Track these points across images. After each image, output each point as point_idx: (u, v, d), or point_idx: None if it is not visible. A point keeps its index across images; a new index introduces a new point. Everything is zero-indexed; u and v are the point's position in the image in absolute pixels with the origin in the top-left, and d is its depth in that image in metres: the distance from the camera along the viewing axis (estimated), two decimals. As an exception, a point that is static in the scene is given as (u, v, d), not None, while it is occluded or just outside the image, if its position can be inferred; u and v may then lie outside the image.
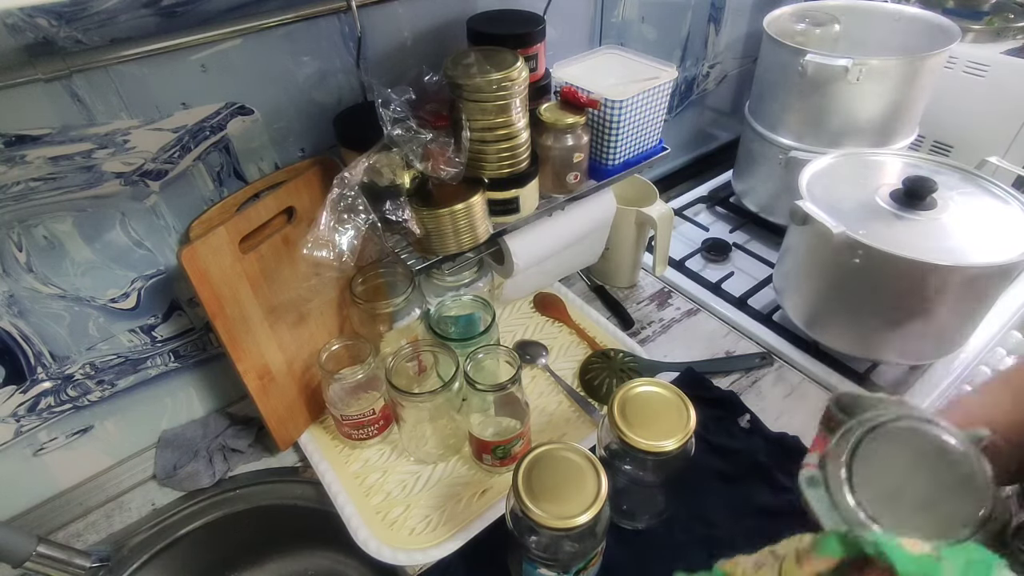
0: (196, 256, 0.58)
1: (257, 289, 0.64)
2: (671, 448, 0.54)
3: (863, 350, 0.78)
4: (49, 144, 0.52)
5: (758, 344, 0.85)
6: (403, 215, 0.59)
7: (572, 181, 0.69)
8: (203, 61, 0.57)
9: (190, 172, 0.61)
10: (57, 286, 0.59)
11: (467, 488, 0.67)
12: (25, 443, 0.64)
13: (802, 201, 0.73)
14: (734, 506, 0.65)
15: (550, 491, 0.50)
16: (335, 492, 0.67)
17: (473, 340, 0.70)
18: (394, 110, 0.57)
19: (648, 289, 0.96)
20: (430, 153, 0.58)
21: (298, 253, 0.56)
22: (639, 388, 0.58)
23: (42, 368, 0.61)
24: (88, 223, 0.58)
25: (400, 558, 0.61)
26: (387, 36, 0.67)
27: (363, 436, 0.71)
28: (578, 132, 0.66)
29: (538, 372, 0.80)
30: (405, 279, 0.73)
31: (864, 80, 0.84)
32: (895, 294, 0.70)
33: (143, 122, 0.56)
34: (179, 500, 0.69)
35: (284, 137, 0.66)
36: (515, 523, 0.52)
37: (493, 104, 0.58)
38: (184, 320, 0.69)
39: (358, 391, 0.69)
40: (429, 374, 0.72)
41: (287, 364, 0.69)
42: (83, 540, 0.66)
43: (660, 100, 0.71)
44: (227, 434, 0.73)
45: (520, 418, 0.66)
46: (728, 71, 1.14)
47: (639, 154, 0.75)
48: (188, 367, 0.72)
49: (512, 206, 0.66)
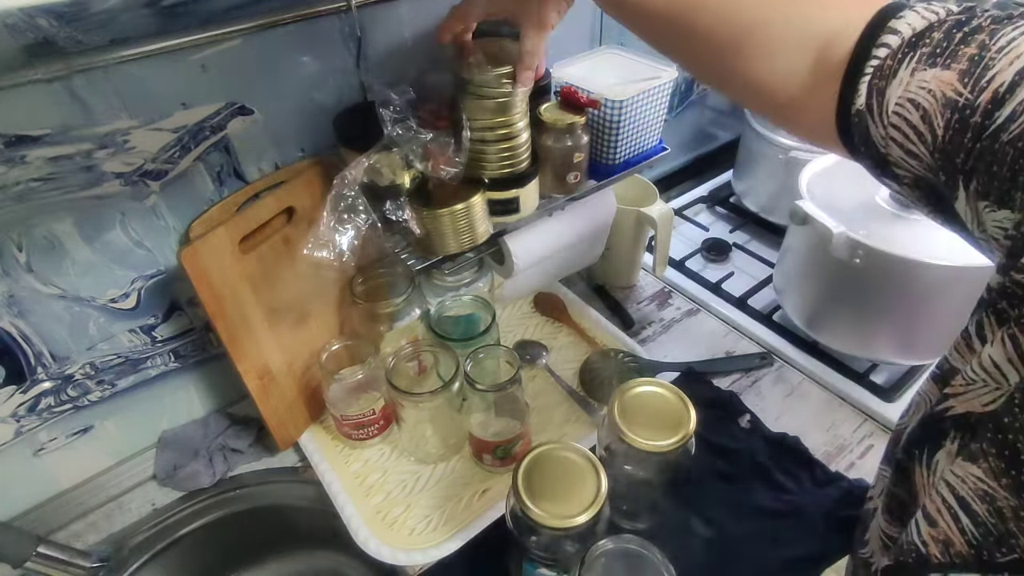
0: (196, 256, 0.58)
1: (257, 289, 0.64)
2: (671, 448, 0.54)
3: (863, 350, 0.78)
4: (49, 144, 0.52)
5: (758, 344, 0.85)
6: (403, 215, 0.59)
7: (572, 181, 0.69)
8: (203, 61, 0.57)
9: (190, 172, 0.61)
10: (57, 286, 0.59)
11: (467, 488, 0.67)
12: (25, 443, 0.64)
13: (802, 201, 0.73)
14: (734, 506, 0.65)
15: (550, 491, 0.50)
16: (335, 492, 0.67)
17: (473, 340, 0.70)
18: (394, 110, 0.57)
19: (648, 289, 0.95)
20: (430, 153, 0.58)
21: (298, 253, 0.56)
22: (639, 388, 0.58)
23: (42, 368, 0.61)
24: (88, 223, 0.58)
25: (400, 558, 0.61)
26: (387, 36, 0.67)
27: (363, 436, 0.71)
28: (578, 132, 0.66)
29: (538, 372, 0.80)
30: (405, 279, 0.73)
31: (864, 80, 0.84)
32: (895, 294, 0.70)
33: (143, 122, 0.56)
34: (179, 500, 0.69)
35: (284, 137, 0.66)
36: (515, 523, 0.52)
37: (494, 101, 0.58)
38: (184, 320, 0.69)
39: (358, 391, 0.69)
40: (429, 374, 0.72)
41: (287, 364, 0.69)
42: (83, 540, 0.66)
43: (660, 100, 0.71)
44: (227, 434, 0.73)
45: (520, 418, 0.66)
46: (728, 71, 1.14)
47: (639, 154, 0.75)
48: (188, 367, 0.72)
49: (512, 206, 0.66)
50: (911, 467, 0.36)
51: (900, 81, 0.33)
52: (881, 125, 0.34)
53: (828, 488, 0.67)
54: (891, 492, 0.40)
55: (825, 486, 0.67)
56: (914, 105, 0.33)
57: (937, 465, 0.34)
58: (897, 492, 0.39)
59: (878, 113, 0.34)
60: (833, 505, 0.65)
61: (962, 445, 0.32)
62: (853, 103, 0.36)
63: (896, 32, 0.34)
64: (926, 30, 0.33)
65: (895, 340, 0.74)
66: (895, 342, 0.75)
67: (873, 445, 0.72)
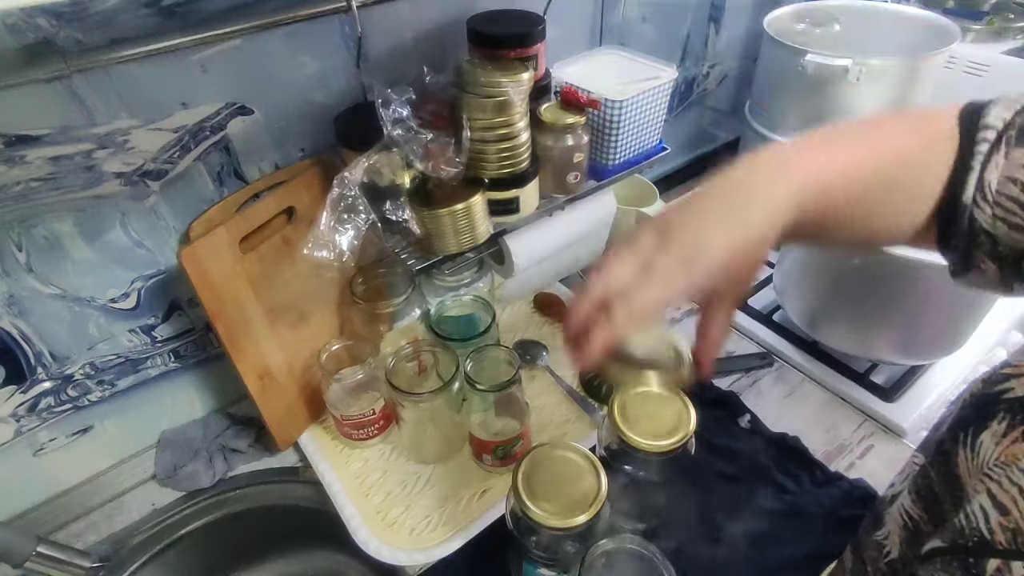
0: (196, 256, 0.58)
1: (257, 289, 0.64)
2: (671, 448, 0.53)
3: (863, 350, 0.78)
4: (49, 144, 0.52)
5: (758, 344, 0.85)
6: (403, 215, 0.59)
7: (572, 181, 0.69)
8: (203, 61, 0.57)
9: (190, 172, 0.61)
10: (57, 286, 0.59)
11: (467, 488, 0.67)
12: (25, 443, 0.64)
13: (802, 201, 0.73)
14: (734, 506, 0.65)
15: (550, 491, 0.50)
16: (335, 492, 0.66)
17: (473, 340, 0.70)
18: (394, 110, 0.57)
19: (648, 289, 0.95)
20: (430, 153, 0.58)
21: (298, 253, 0.56)
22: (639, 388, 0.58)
23: (42, 368, 0.61)
24: (88, 223, 0.58)
25: (400, 558, 0.61)
26: (387, 36, 0.67)
27: (363, 436, 0.71)
28: (578, 132, 0.66)
29: (538, 372, 0.80)
30: (405, 279, 0.73)
31: (864, 80, 0.84)
32: (895, 294, 0.70)
33: (143, 122, 0.56)
34: (179, 500, 0.69)
35: (284, 137, 0.66)
36: (515, 523, 0.52)
37: (494, 101, 0.58)
38: (184, 320, 0.69)
39: (358, 391, 0.69)
40: (429, 374, 0.72)
41: (287, 364, 0.69)
42: (83, 540, 0.66)
43: (660, 100, 0.71)
44: (227, 434, 0.73)
45: (520, 418, 0.66)
46: (728, 71, 1.14)
47: (639, 154, 0.75)
48: (188, 367, 0.72)
49: (512, 206, 0.66)
50: (954, 449, 0.37)
51: (996, 164, 0.37)
52: (988, 205, 0.37)
53: (828, 488, 0.67)
54: (924, 474, 0.40)
55: (825, 486, 0.67)
56: (1013, 182, 0.36)
57: (981, 446, 0.34)
58: (931, 474, 0.39)
59: (982, 198, 0.37)
60: (833, 505, 0.65)
61: (1010, 426, 0.33)
62: (961, 195, 0.38)
63: (990, 127, 0.38)
64: (1015, 117, 0.37)
65: (895, 340, 0.74)
66: (895, 342, 0.75)
67: (873, 445, 0.72)
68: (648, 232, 0.38)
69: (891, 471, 0.69)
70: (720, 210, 0.38)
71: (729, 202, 0.38)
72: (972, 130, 0.38)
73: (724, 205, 0.38)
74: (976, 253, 0.39)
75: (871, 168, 0.39)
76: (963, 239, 0.39)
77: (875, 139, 0.41)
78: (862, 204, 0.40)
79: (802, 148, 0.40)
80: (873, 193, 0.40)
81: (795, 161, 0.39)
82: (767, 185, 0.38)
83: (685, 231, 0.37)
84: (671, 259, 0.36)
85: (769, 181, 0.38)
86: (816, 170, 0.39)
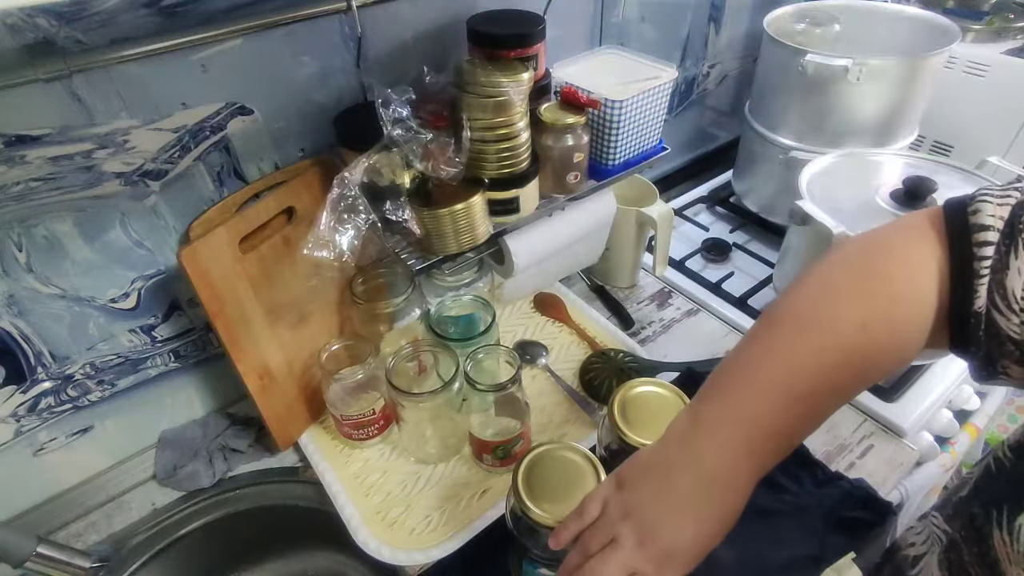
0: (196, 256, 0.58)
1: (257, 289, 0.64)
2: (671, 448, 0.53)
3: (863, 350, 0.77)
4: (49, 144, 0.52)
5: (758, 344, 0.85)
6: (403, 215, 0.59)
7: (572, 181, 0.69)
8: (203, 61, 0.57)
9: (190, 172, 0.61)
10: (57, 286, 0.59)
11: (467, 488, 0.67)
12: (25, 443, 0.64)
13: (802, 201, 0.73)
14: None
15: (550, 491, 0.50)
16: (335, 492, 0.66)
17: (473, 340, 0.70)
18: (394, 110, 0.57)
19: (648, 289, 0.95)
20: (430, 153, 0.58)
21: (298, 253, 0.56)
22: (639, 388, 0.58)
23: (42, 368, 0.61)
24: (88, 223, 0.58)
25: (400, 558, 0.61)
26: (387, 36, 0.67)
27: (363, 436, 0.71)
28: (578, 132, 0.66)
29: (538, 372, 0.80)
30: (405, 279, 0.73)
31: (864, 80, 0.84)
32: (895, 294, 0.70)
33: (143, 122, 0.56)
34: (179, 500, 0.69)
35: (284, 137, 0.66)
36: (515, 523, 0.52)
37: (494, 101, 0.58)
38: (184, 320, 0.69)
39: (358, 391, 0.69)
40: (429, 374, 0.72)
41: (287, 364, 0.69)
42: (83, 540, 0.66)
43: (660, 100, 0.71)
44: (227, 434, 0.73)
45: (520, 418, 0.66)
46: (728, 71, 1.14)
47: (639, 154, 0.75)
48: (188, 367, 0.72)
49: (512, 206, 0.66)
50: (987, 528, 0.35)
51: (1018, 271, 0.34)
52: (1014, 314, 0.35)
53: (828, 488, 0.67)
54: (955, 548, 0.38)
55: (825, 486, 0.67)
56: None
57: (1021, 531, 0.33)
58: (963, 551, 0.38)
59: (1006, 307, 0.35)
60: (833, 505, 0.65)
61: None
62: (971, 304, 0.36)
63: (987, 228, 0.35)
64: (1015, 214, 0.35)
65: (895, 340, 0.74)
66: (895, 342, 0.74)
67: (873, 445, 0.72)
68: (615, 505, 0.39)
69: (891, 471, 0.69)
70: (688, 501, 0.38)
71: (693, 489, 0.38)
72: (964, 232, 0.36)
73: (689, 493, 0.38)
74: (1003, 361, 0.36)
75: (832, 367, 0.37)
76: (983, 347, 0.37)
77: (822, 325, 0.38)
78: (839, 395, 0.38)
79: (730, 404, 0.38)
80: (845, 385, 0.38)
81: (726, 426, 0.38)
82: (721, 465, 0.38)
83: (660, 530, 0.38)
84: (648, 562, 0.37)
85: (719, 458, 0.38)
86: (759, 423, 0.38)
